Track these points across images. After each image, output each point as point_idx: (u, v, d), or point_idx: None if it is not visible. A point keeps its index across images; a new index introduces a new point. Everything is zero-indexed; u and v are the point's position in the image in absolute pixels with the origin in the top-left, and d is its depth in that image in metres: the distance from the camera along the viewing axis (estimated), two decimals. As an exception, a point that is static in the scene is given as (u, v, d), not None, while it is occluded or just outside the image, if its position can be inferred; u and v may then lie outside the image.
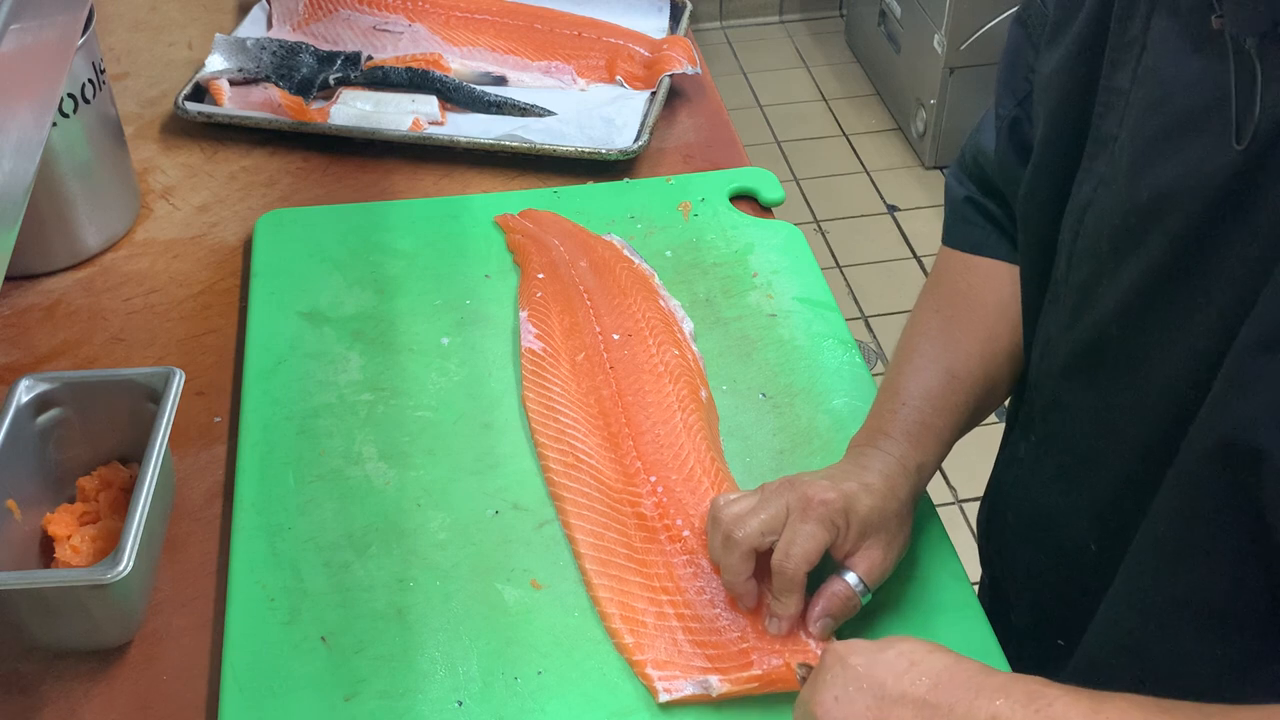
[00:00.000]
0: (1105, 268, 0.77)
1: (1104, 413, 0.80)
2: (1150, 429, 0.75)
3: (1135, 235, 0.73)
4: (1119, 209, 0.75)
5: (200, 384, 1.08)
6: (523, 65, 1.49)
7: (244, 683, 0.83)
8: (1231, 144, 0.66)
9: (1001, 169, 0.94)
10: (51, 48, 0.61)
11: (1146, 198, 0.72)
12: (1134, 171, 0.73)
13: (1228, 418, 0.67)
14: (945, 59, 2.90)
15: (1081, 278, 0.80)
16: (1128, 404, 0.77)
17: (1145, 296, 0.74)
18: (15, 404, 0.90)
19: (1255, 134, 0.65)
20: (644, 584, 0.88)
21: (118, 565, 0.80)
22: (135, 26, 1.60)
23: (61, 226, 1.19)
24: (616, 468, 0.97)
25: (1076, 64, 0.79)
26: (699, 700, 0.82)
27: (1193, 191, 0.69)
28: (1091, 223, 0.78)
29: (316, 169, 1.34)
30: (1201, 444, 0.70)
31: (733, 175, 1.31)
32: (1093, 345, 0.80)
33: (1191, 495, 0.72)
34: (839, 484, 0.83)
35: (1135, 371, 0.76)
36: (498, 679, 0.83)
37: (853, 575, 0.83)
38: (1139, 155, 0.73)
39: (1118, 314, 0.76)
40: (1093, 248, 0.78)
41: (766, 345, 1.10)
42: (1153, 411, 0.74)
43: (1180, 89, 0.70)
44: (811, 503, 0.82)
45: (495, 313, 1.13)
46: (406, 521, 0.94)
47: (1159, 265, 0.72)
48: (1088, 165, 0.79)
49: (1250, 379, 0.66)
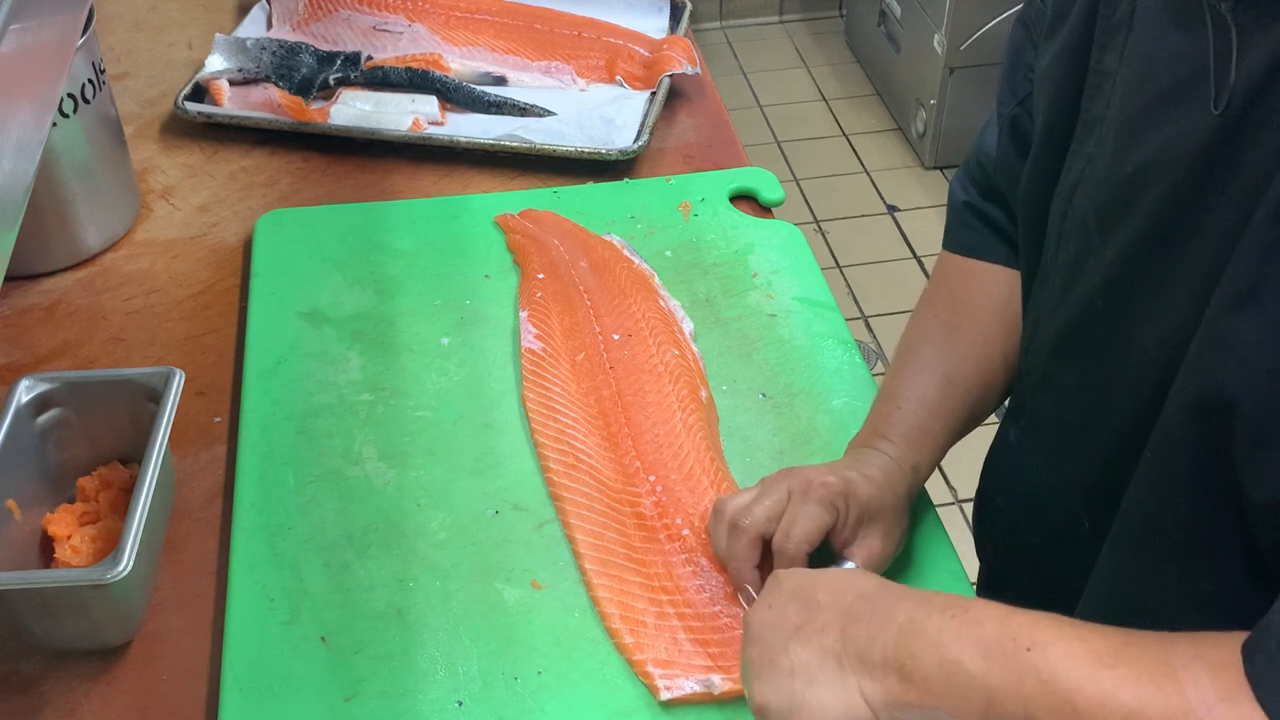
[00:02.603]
0: (1092, 244, 0.78)
1: (1091, 388, 0.81)
2: (1135, 400, 0.76)
3: (1120, 209, 0.74)
4: (1105, 185, 0.76)
5: (200, 384, 1.08)
6: (523, 65, 1.49)
7: (244, 683, 0.83)
8: (1210, 111, 0.67)
9: (1002, 167, 0.94)
10: (51, 48, 0.61)
11: (1131, 171, 0.73)
12: (1119, 147, 0.74)
13: (1201, 376, 0.68)
14: (945, 59, 2.90)
15: (1069, 257, 0.81)
16: (1114, 377, 0.78)
17: (1130, 268, 0.75)
18: (15, 404, 0.90)
19: (1230, 98, 0.66)
20: (644, 583, 0.89)
21: (118, 565, 0.80)
22: (135, 26, 1.60)
23: (61, 226, 1.19)
24: (616, 468, 0.97)
25: (1071, 53, 0.80)
26: (700, 699, 0.82)
27: (1174, 161, 0.70)
28: (1079, 202, 0.79)
29: (316, 169, 1.34)
30: (1179, 406, 0.71)
31: (733, 175, 1.31)
32: (1079, 322, 0.81)
33: (1169, 459, 0.73)
34: (839, 470, 0.85)
35: (1121, 344, 0.77)
36: (498, 679, 0.83)
37: (851, 564, 0.84)
38: (1123, 131, 0.74)
39: (1104, 288, 0.77)
40: (1080, 226, 0.79)
41: (766, 345, 1.10)
42: (1138, 383, 0.75)
43: (1163, 64, 0.71)
44: (812, 485, 0.84)
45: (495, 313, 1.13)
46: (406, 521, 0.94)
47: (1143, 236, 0.73)
48: (1077, 148, 0.80)
49: (1222, 336, 0.67)
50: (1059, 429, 0.87)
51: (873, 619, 0.69)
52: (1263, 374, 0.64)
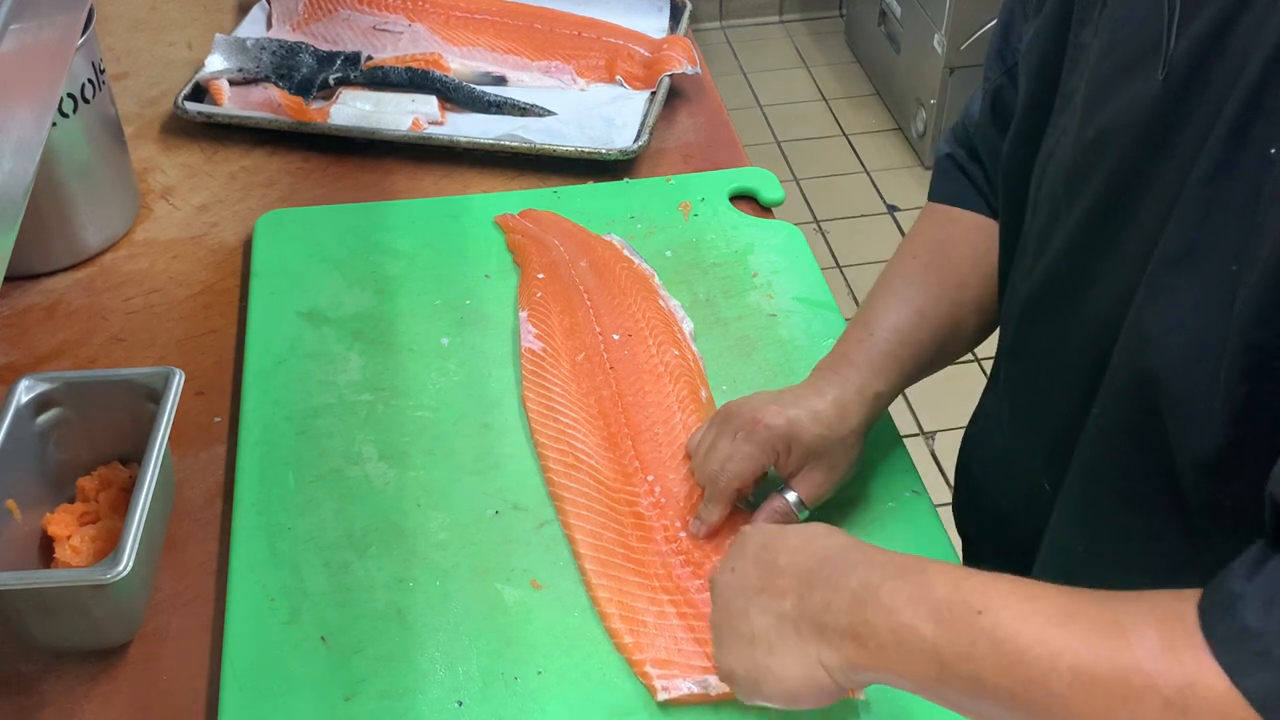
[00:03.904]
0: (1059, 211, 0.80)
1: (1052, 352, 0.83)
2: (1089, 363, 0.77)
3: (1082, 175, 0.76)
4: (1071, 152, 0.78)
5: (200, 384, 1.08)
6: (523, 65, 1.49)
7: (244, 683, 0.83)
8: (1158, 78, 0.69)
9: (982, 136, 0.97)
10: (51, 48, 0.61)
11: (1092, 137, 0.75)
12: (1085, 115, 0.76)
13: (1138, 335, 0.70)
14: (945, 59, 2.90)
15: (1040, 225, 0.83)
16: (1071, 341, 0.80)
17: (1087, 233, 0.76)
18: (15, 404, 0.90)
19: (1172, 65, 0.68)
20: (644, 583, 0.89)
21: (118, 565, 0.80)
22: (135, 26, 1.60)
23: (61, 226, 1.19)
24: (615, 468, 0.97)
25: (1052, 28, 0.82)
26: (698, 700, 0.82)
27: (1126, 126, 0.72)
28: (1051, 171, 0.81)
29: (316, 169, 1.34)
30: (1119, 365, 0.73)
31: (733, 175, 1.31)
32: (1045, 286, 0.82)
33: (1110, 418, 0.75)
34: (787, 409, 0.88)
35: (1079, 308, 0.78)
36: (498, 679, 0.83)
37: (793, 494, 0.90)
38: (1089, 99, 0.76)
39: (1065, 253, 0.79)
40: (1050, 194, 0.81)
41: (766, 345, 1.10)
42: (1091, 346, 0.77)
43: (1127, 34, 0.73)
44: (758, 425, 0.88)
45: (495, 313, 1.13)
46: (406, 521, 0.94)
47: (1099, 201, 0.75)
48: (1054, 120, 0.82)
49: (1156, 296, 0.69)
50: (1025, 394, 0.90)
51: (828, 585, 0.69)
52: (1191, 332, 0.66)
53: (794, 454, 0.88)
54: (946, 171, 1.02)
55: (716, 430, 0.91)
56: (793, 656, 0.70)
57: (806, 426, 0.88)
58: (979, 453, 1.00)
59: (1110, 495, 0.77)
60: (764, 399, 0.90)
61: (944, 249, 0.98)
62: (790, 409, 0.88)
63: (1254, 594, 0.56)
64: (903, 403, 2.48)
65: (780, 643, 0.71)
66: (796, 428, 0.87)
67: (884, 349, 0.92)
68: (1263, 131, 0.62)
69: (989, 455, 0.98)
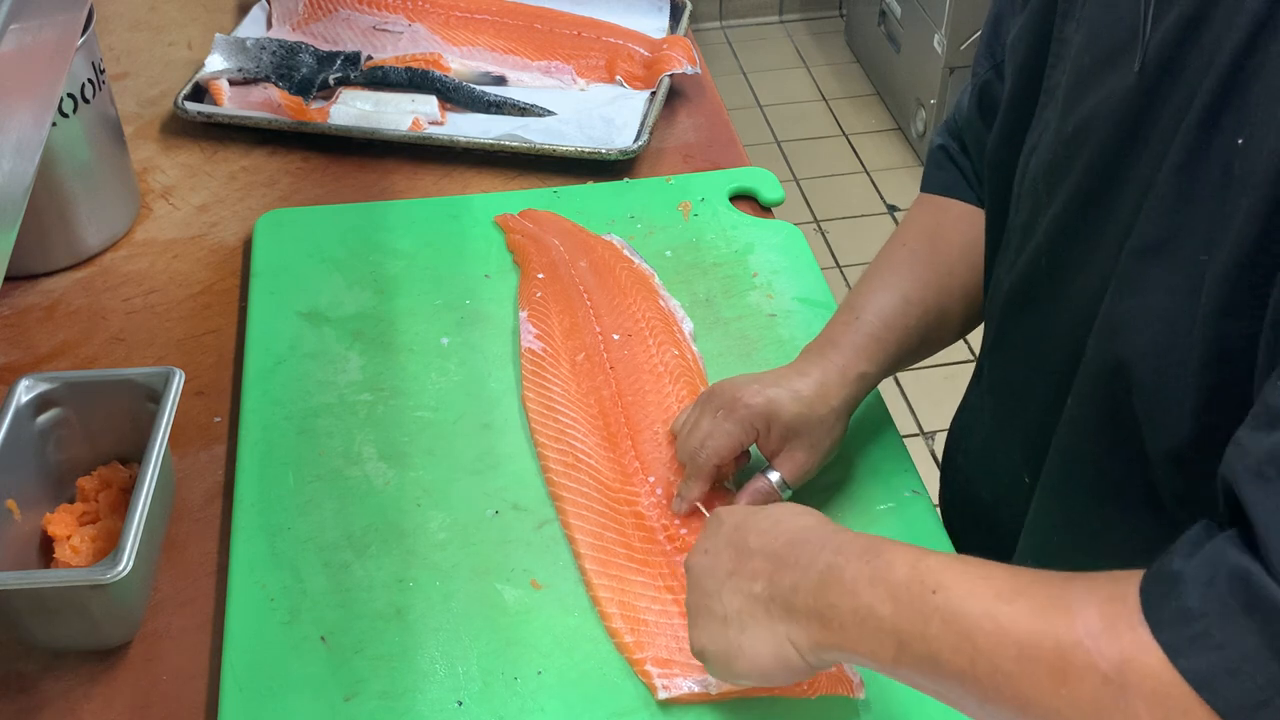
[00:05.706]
0: (1041, 204, 0.80)
1: (1032, 345, 0.84)
2: (1066, 355, 0.78)
3: (1062, 168, 0.77)
4: (1052, 145, 0.79)
5: (200, 384, 1.08)
6: (523, 65, 1.49)
7: (244, 683, 0.83)
8: (1134, 71, 0.70)
9: (969, 129, 0.98)
10: (51, 48, 0.61)
11: (1071, 130, 0.76)
12: (1065, 108, 0.77)
13: (1112, 326, 0.71)
14: (945, 59, 2.90)
15: (1023, 218, 0.84)
16: (1050, 333, 0.80)
17: (1066, 225, 0.77)
18: (15, 404, 0.90)
19: (1146, 58, 0.69)
20: (644, 583, 0.89)
21: (118, 565, 0.80)
22: (135, 26, 1.60)
23: (61, 226, 1.19)
24: (615, 468, 0.97)
25: (1037, 24, 0.82)
26: (698, 699, 0.82)
27: (1104, 118, 0.72)
28: (1034, 164, 0.82)
29: (316, 169, 1.34)
30: (1093, 356, 0.73)
31: (732, 175, 1.31)
32: (1026, 279, 0.83)
33: (1085, 408, 0.75)
34: (767, 388, 0.89)
35: (1058, 301, 0.79)
36: (497, 679, 0.83)
37: (776, 474, 0.90)
38: (1069, 92, 0.77)
39: (1046, 245, 0.80)
40: (1032, 187, 0.82)
41: (766, 345, 1.10)
42: (1068, 338, 0.77)
43: (1107, 27, 0.74)
44: (737, 404, 0.89)
45: (495, 313, 1.13)
46: (406, 522, 0.94)
47: (1077, 193, 0.76)
48: (1038, 114, 0.82)
49: (1128, 286, 0.69)
50: (1006, 386, 0.91)
51: (796, 567, 0.71)
52: (1161, 322, 0.67)
53: (774, 432, 0.89)
54: (939, 162, 1.02)
55: (699, 409, 0.92)
56: (764, 636, 0.72)
57: (785, 405, 0.88)
58: (964, 445, 1.01)
59: (1086, 486, 0.78)
60: (746, 379, 0.91)
61: (933, 237, 0.99)
62: (770, 388, 0.89)
63: (1193, 574, 0.56)
64: (903, 403, 2.48)
65: (752, 622, 0.72)
66: (775, 406, 0.88)
67: (868, 331, 0.93)
68: (1232, 121, 0.63)
69: (973, 448, 0.99)
